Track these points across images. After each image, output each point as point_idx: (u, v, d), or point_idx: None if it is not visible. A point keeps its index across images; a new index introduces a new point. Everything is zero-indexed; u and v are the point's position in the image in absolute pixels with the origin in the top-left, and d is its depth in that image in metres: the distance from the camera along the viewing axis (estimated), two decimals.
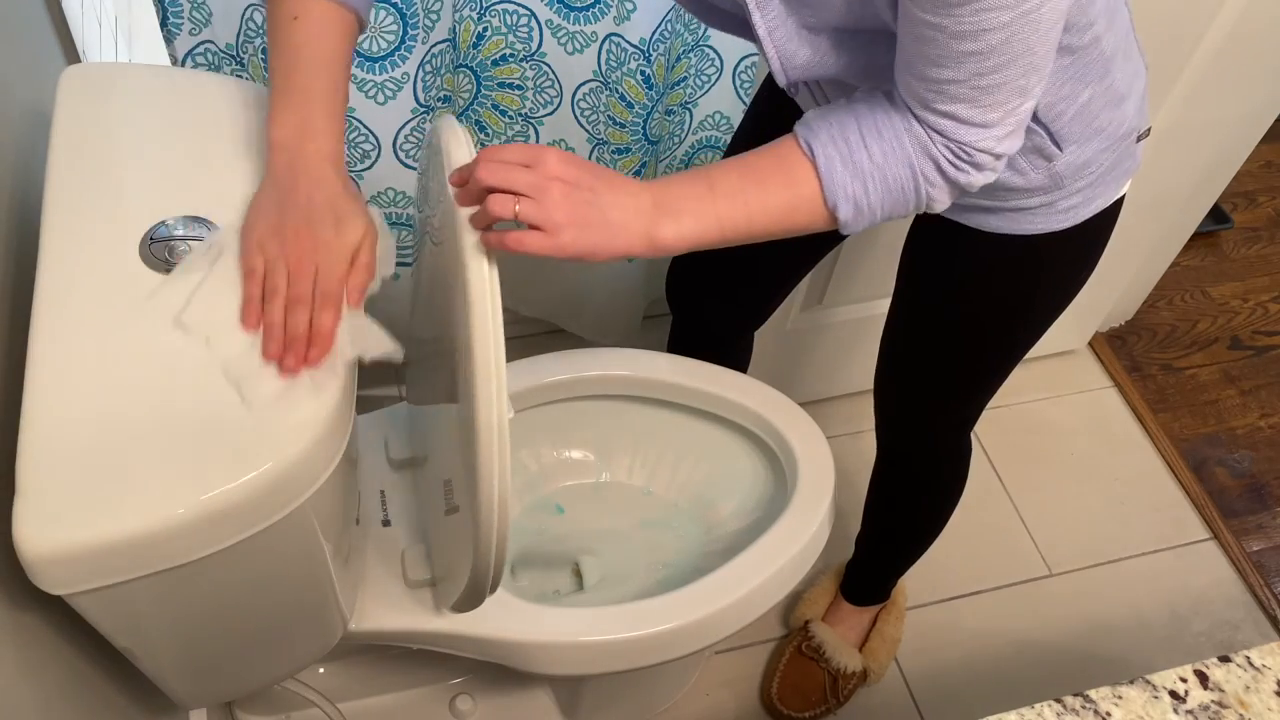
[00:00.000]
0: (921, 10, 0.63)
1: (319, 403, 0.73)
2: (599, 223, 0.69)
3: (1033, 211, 0.88)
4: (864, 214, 0.72)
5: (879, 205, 0.71)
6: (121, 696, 0.94)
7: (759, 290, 1.24)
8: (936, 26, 0.63)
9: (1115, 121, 0.85)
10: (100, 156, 0.85)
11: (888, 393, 1.15)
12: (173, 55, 1.22)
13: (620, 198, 0.70)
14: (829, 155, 0.70)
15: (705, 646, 1.10)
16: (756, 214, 0.72)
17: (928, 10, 0.62)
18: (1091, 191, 0.88)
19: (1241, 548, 1.68)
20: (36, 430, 0.69)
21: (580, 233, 0.69)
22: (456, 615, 1.02)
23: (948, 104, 0.67)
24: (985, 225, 0.91)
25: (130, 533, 0.67)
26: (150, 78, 0.95)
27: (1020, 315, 0.99)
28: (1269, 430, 1.86)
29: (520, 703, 1.37)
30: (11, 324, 0.82)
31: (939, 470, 1.25)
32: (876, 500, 1.34)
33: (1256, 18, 1.36)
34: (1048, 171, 0.85)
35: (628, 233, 0.70)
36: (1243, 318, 2.03)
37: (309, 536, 0.80)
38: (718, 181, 0.72)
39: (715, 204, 0.71)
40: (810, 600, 1.50)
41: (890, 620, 1.48)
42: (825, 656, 1.44)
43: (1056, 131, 0.82)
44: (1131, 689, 0.65)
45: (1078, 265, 0.96)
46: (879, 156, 0.70)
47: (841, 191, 0.71)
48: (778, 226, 0.73)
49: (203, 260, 0.76)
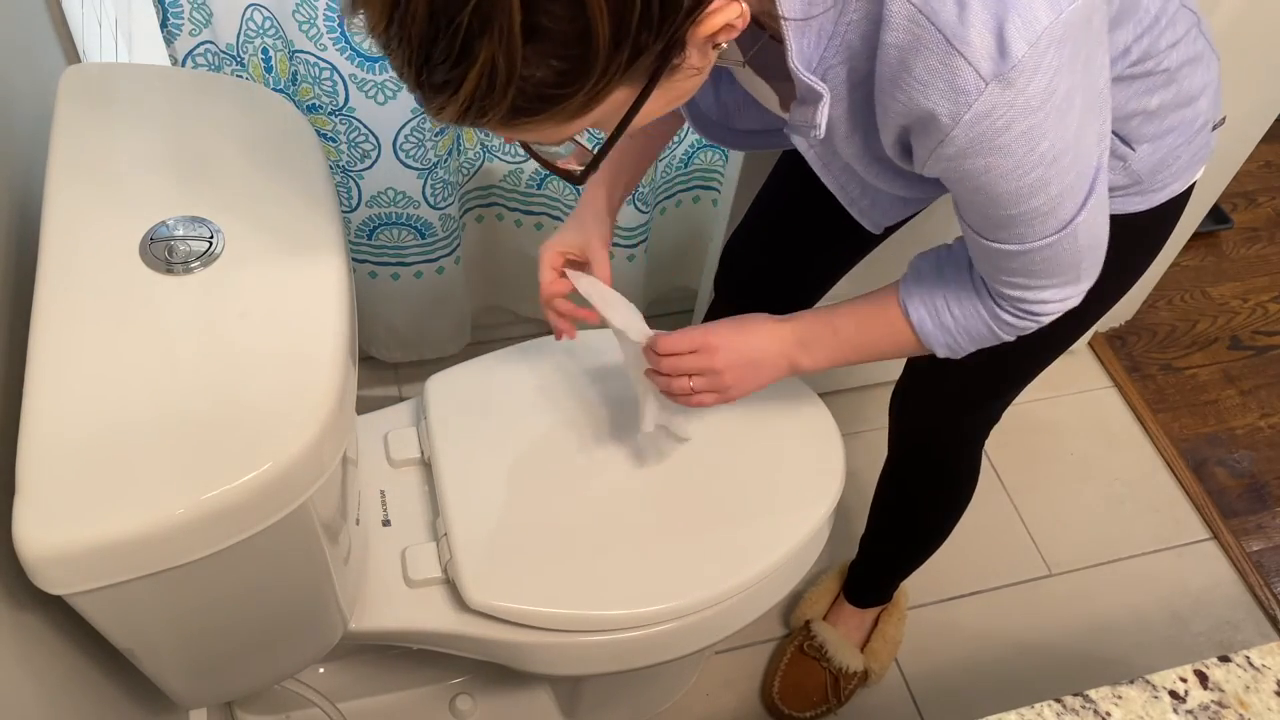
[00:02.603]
0: (977, 235, 0.74)
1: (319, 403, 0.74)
2: (753, 375, 0.91)
3: (1112, 197, 0.88)
4: (957, 350, 0.86)
5: (966, 344, 0.85)
6: (121, 696, 0.94)
7: (805, 283, 1.26)
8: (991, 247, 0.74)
9: (1187, 119, 0.85)
10: (100, 156, 0.85)
11: (918, 388, 1.14)
12: (173, 56, 1.22)
13: (767, 343, 0.90)
14: (921, 317, 0.84)
15: (705, 646, 1.10)
16: (867, 353, 0.89)
17: (982, 235, 0.73)
18: (1168, 175, 0.88)
19: (1241, 548, 1.68)
20: (36, 430, 0.69)
21: (741, 387, 0.91)
22: (456, 615, 1.02)
23: (1008, 288, 0.79)
24: None
25: (130, 533, 0.67)
26: (150, 78, 0.95)
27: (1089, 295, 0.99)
28: (1269, 430, 1.86)
29: (520, 703, 1.37)
30: (12, 324, 0.82)
31: (951, 477, 1.25)
32: (884, 503, 1.34)
33: (1256, 18, 1.36)
34: (1124, 170, 0.86)
35: (775, 369, 0.91)
36: (1243, 318, 2.03)
37: (309, 536, 0.80)
38: (840, 328, 0.89)
39: (839, 343, 0.89)
40: (812, 600, 1.50)
41: (892, 621, 1.48)
42: (827, 656, 1.44)
43: (1127, 135, 0.83)
44: (1131, 689, 0.65)
45: (1148, 247, 0.97)
46: (960, 318, 0.83)
47: (934, 340, 0.85)
48: (886, 358, 0.90)
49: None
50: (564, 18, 0.49)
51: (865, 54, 0.64)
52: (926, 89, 0.60)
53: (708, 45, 0.58)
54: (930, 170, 0.68)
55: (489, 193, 1.54)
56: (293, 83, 1.26)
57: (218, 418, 0.71)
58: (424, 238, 1.48)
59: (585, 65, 0.51)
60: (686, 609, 1.02)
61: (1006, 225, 0.71)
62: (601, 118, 0.58)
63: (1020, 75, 0.58)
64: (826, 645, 1.44)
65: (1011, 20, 0.57)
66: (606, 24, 0.49)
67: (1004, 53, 0.57)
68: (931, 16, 0.58)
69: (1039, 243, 0.71)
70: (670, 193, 1.61)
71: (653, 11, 0.50)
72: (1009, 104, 0.60)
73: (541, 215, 1.55)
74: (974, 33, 0.57)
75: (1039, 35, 0.58)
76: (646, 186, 1.49)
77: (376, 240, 1.48)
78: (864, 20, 0.63)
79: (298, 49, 1.21)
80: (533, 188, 1.51)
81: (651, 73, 0.56)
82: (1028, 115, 0.61)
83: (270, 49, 1.22)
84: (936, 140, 0.63)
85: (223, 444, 0.70)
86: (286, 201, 0.85)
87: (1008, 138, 0.62)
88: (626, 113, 0.59)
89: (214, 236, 0.81)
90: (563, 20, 0.49)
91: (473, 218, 1.57)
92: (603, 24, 0.49)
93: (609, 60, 0.51)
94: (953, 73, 0.59)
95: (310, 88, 1.25)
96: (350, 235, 1.47)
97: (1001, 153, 0.63)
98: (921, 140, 0.65)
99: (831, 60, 0.66)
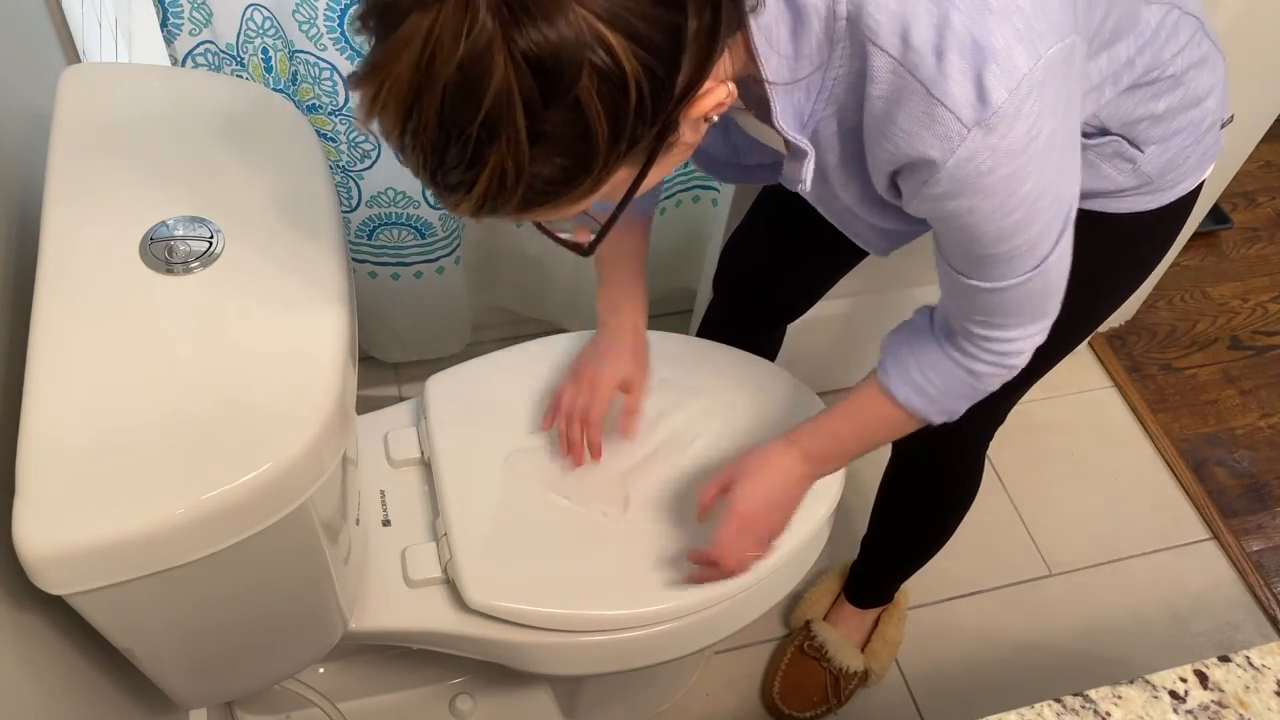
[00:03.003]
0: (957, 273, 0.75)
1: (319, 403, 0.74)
2: (788, 510, 0.97)
3: (1122, 196, 0.90)
4: (953, 412, 0.88)
5: (957, 405, 0.87)
6: (121, 696, 0.94)
7: (804, 283, 1.27)
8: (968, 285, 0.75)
9: (1195, 120, 0.86)
10: (100, 156, 0.85)
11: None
12: (173, 56, 1.22)
13: (784, 477, 0.95)
14: (907, 395, 0.87)
15: (705, 646, 1.10)
16: (873, 442, 0.94)
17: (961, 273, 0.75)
18: (1178, 174, 0.89)
19: (1241, 548, 1.68)
20: (36, 430, 0.69)
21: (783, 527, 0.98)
22: (456, 615, 1.02)
23: (980, 328, 0.80)
24: None
25: (130, 533, 0.67)
26: (150, 78, 0.95)
27: (1100, 293, 1.00)
28: (1269, 430, 1.86)
29: (520, 703, 1.37)
30: (12, 324, 0.82)
31: (954, 479, 1.25)
32: (886, 504, 1.34)
33: (1257, 18, 1.36)
34: (1134, 172, 0.87)
35: (801, 492, 0.97)
36: (1243, 318, 2.03)
37: (309, 536, 0.80)
38: (839, 433, 0.94)
39: (844, 446, 0.95)
40: (812, 600, 1.50)
41: (892, 621, 1.48)
42: (827, 656, 1.44)
43: (1135, 138, 0.84)
44: (1131, 689, 0.65)
45: (1158, 244, 0.98)
46: (941, 384, 0.85)
47: (926, 412, 0.87)
48: (896, 438, 0.95)
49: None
50: (565, 122, 0.52)
51: (853, 106, 0.67)
52: (911, 137, 0.63)
53: (700, 121, 0.62)
54: (917, 210, 0.70)
55: None
56: (293, 83, 1.26)
57: (218, 418, 0.71)
58: (424, 238, 1.48)
59: (587, 160, 0.55)
60: (686, 609, 1.02)
61: (986, 264, 0.72)
62: (605, 195, 0.61)
63: (1002, 121, 0.60)
64: (827, 645, 1.44)
65: (990, 69, 0.59)
66: (604, 123, 0.53)
67: (984, 100, 0.59)
68: (912, 69, 0.60)
69: (1014, 280, 0.73)
70: (670, 193, 1.61)
71: (645, 105, 0.54)
72: (992, 149, 0.61)
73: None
74: (953, 83, 0.59)
75: (1019, 82, 0.59)
76: None
77: (376, 240, 1.48)
78: (849, 75, 0.65)
79: (298, 49, 1.21)
80: None
81: (649, 153, 0.60)
82: (1011, 159, 0.63)
83: (270, 49, 1.22)
84: (921, 181, 0.66)
85: (223, 444, 0.70)
86: (286, 201, 0.85)
87: (991, 180, 0.64)
88: (629, 189, 0.62)
89: (214, 236, 0.81)
90: (563, 125, 0.52)
91: None
92: (600, 124, 0.53)
93: (609, 152, 0.55)
94: (935, 121, 0.61)
95: (310, 88, 1.25)
96: (350, 235, 1.47)
97: (985, 194, 0.65)
98: (909, 182, 0.67)
99: (822, 113, 0.69)
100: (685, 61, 0.55)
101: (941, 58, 0.59)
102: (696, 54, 0.56)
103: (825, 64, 0.65)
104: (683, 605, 1.02)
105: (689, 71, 0.56)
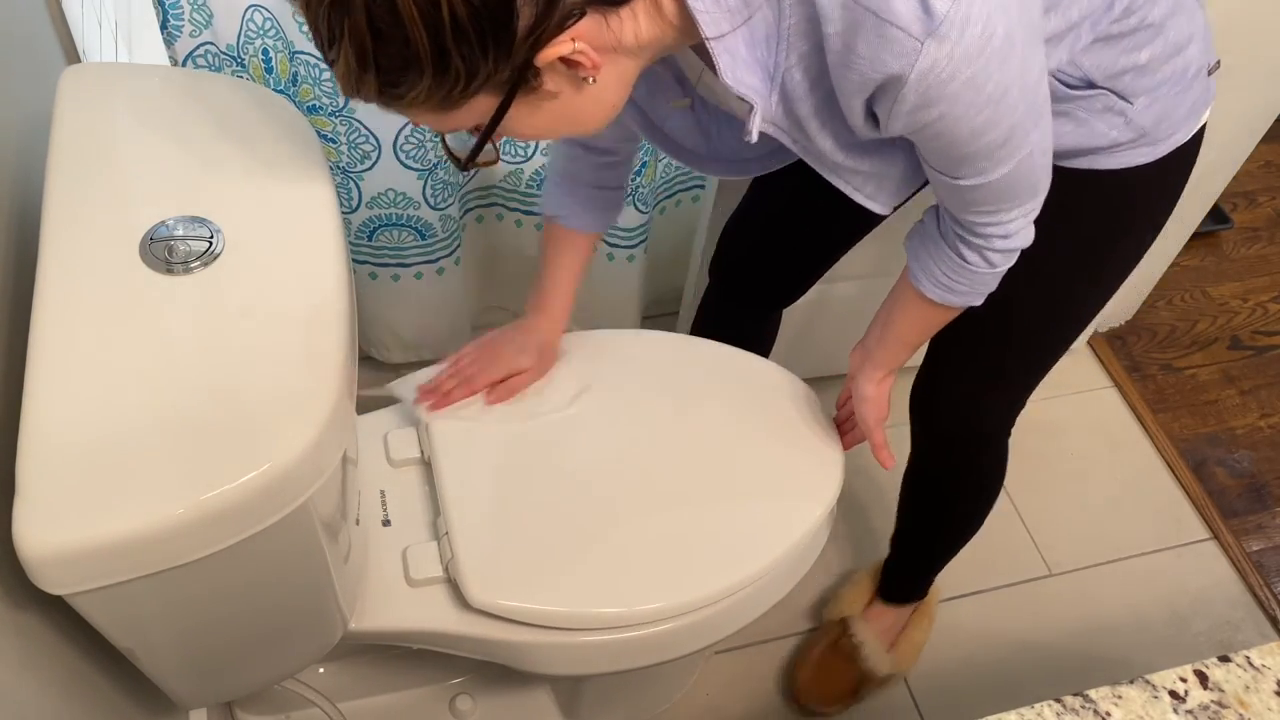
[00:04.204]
0: (942, 174, 0.79)
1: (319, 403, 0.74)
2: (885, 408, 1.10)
3: (1118, 151, 0.91)
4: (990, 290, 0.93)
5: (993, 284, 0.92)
6: (121, 696, 0.94)
7: (800, 265, 1.28)
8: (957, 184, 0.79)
9: (1179, 69, 0.87)
10: (100, 156, 0.85)
11: (939, 371, 1.15)
12: (173, 57, 1.22)
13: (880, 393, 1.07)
14: (943, 295, 0.92)
15: (705, 646, 1.10)
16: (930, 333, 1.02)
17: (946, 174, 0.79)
18: (1171, 124, 0.90)
19: (1241, 547, 1.68)
20: (36, 430, 0.69)
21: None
22: (458, 614, 1.02)
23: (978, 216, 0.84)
24: (1072, 164, 0.92)
25: (130, 533, 0.67)
26: (150, 78, 0.95)
27: (1110, 257, 1.02)
28: (1269, 430, 1.86)
29: (520, 703, 1.37)
30: (12, 324, 0.82)
31: (977, 472, 1.25)
32: (912, 502, 1.34)
33: (1255, 18, 1.36)
34: (1127, 125, 0.88)
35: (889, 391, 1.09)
36: (1242, 318, 2.03)
37: (309, 536, 0.80)
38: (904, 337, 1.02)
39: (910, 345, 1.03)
40: (849, 598, 1.49)
41: (920, 625, 1.47)
42: (862, 656, 1.43)
43: (1122, 90, 0.86)
44: (1131, 689, 0.65)
45: (1166, 198, 0.98)
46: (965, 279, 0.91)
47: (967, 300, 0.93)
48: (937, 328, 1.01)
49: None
50: (389, 23, 0.60)
51: (813, 51, 0.70)
52: (873, 61, 0.66)
53: (574, 78, 0.68)
54: (892, 129, 0.72)
55: (489, 193, 1.54)
56: (293, 83, 1.26)
57: (218, 418, 0.71)
58: (424, 238, 1.48)
59: (416, 63, 0.62)
60: (686, 607, 1.02)
61: (967, 162, 0.76)
62: (475, 119, 0.69)
63: (953, 28, 0.63)
64: (864, 646, 1.43)
65: None
66: (422, 33, 0.60)
67: (929, 11, 0.63)
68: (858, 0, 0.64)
69: (998, 173, 0.77)
70: (670, 192, 1.61)
71: (469, 33, 0.60)
72: (948, 56, 0.65)
73: (542, 215, 1.55)
74: (898, 3, 0.63)
75: None
76: (646, 187, 1.49)
77: (376, 241, 1.48)
78: (803, 20, 0.68)
79: (298, 50, 1.21)
80: (533, 188, 1.51)
81: (507, 89, 0.66)
82: (969, 63, 0.65)
83: (271, 50, 1.22)
84: (892, 100, 0.69)
85: (223, 444, 0.70)
86: (286, 201, 0.85)
87: (955, 86, 0.67)
88: (493, 117, 0.68)
89: (214, 236, 0.81)
90: (388, 25, 0.60)
91: (473, 218, 1.57)
92: (418, 32, 0.60)
93: (438, 63, 0.62)
94: (890, 41, 0.64)
95: (311, 88, 1.25)
96: (350, 236, 1.47)
97: (951, 100, 0.68)
98: (881, 105, 0.70)
99: (785, 64, 0.71)
100: (523, 4, 0.61)
101: None
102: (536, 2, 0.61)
103: (777, 12, 0.68)
104: (682, 603, 1.02)
105: (530, 16, 0.61)
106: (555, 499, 1.07)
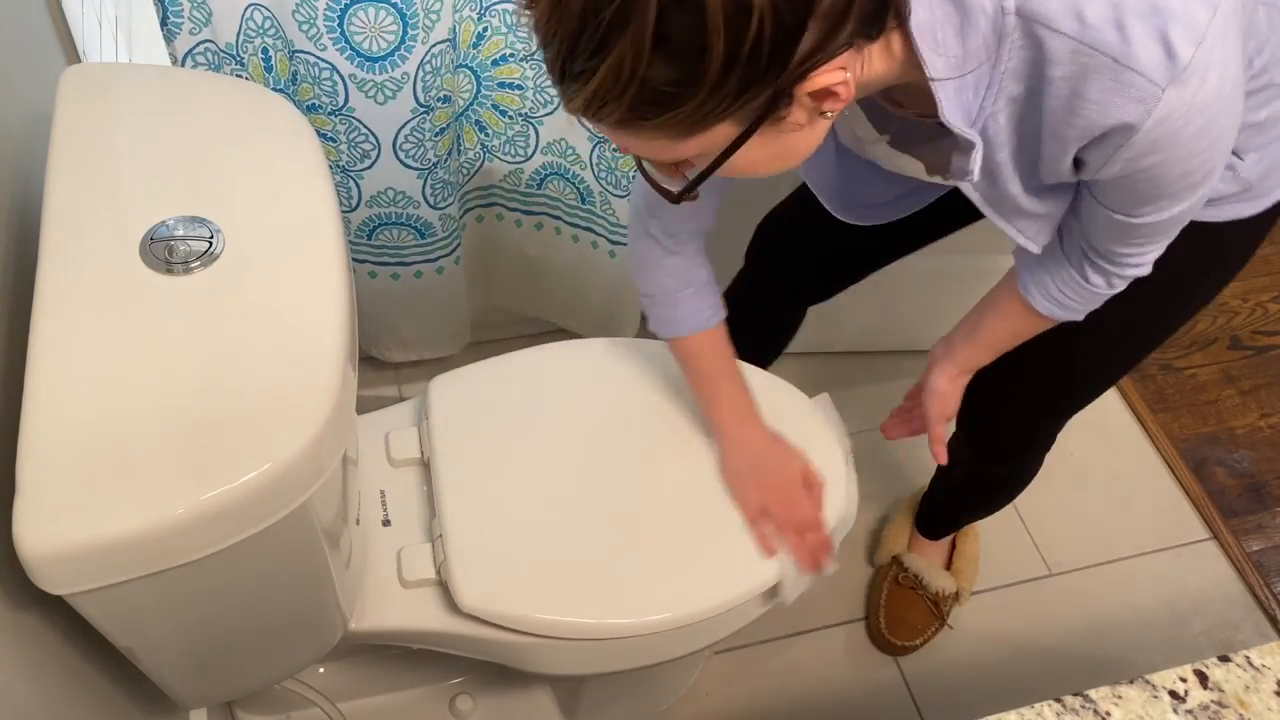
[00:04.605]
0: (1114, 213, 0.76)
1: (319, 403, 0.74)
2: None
3: (1222, 204, 0.91)
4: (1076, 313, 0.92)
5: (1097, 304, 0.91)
6: (121, 696, 0.94)
7: (842, 269, 1.28)
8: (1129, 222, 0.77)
9: None
10: (100, 156, 0.85)
11: (997, 408, 1.17)
12: (173, 55, 1.22)
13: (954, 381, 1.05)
14: (1051, 309, 0.91)
15: (706, 646, 1.10)
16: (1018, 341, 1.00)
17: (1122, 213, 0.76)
18: (1274, 180, 0.90)
19: (1241, 547, 1.68)
20: (36, 430, 0.69)
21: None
22: (450, 617, 1.02)
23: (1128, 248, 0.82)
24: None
25: (130, 533, 0.67)
26: (150, 78, 0.95)
27: (1185, 303, 1.02)
28: (1269, 430, 1.85)
29: (520, 703, 1.37)
30: (12, 324, 0.82)
31: (1023, 469, 1.31)
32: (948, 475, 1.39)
33: None
34: (1234, 179, 0.88)
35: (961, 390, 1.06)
36: (1243, 318, 2.03)
37: (309, 536, 0.80)
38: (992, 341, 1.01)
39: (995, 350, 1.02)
40: (893, 536, 1.56)
41: (969, 538, 1.55)
42: (923, 584, 1.50)
43: (1237, 146, 0.85)
44: (1131, 689, 0.65)
45: (1248, 250, 0.99)
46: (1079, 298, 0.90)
47: (1070, 316, 0.92)
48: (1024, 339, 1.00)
49: None
50: (687, 29, 0.55)
51: (1026, 95, 0.68)
52: (1105, 107, 0.64)
53: (815, 110, 0.64)
54: (1105, 174, 0.71)
55: (489, 193, 1.54)
56: (293, 82, 1.26)
57: (218, 418, 0.71)
58: (424, 238, 1.48)
59: (696, 82, 0.57)
60: (681, 620, 1.02)
61: (1155, 200, 0.74)
62: (705, 148, 0.64)
63: (1194, 75, 0.62)
64: (921, 573, 1.50)
65: (1173, 27, 0.61)
66: (722, 44, 0.55)
67: (1173, 57, 0.61)
68: (1094, 44, 0.62)
69: (1175, 210, 0.74)
70: None
71: (763, 49, 0.56)
72: (1187, 103, 0.63)
73: (542, 215, 1.55)
74: (1139, 48, 0.61)
75: (1203, 35, 0.61)
76: None
77: (376, 240, 1.48)
78: (1021, 65, 0.66)
79: (298, 49, 1.21)
80: (533, 188, 1.51)
81: (756, 116, 0.61)
82: (1204, 111, 0.64)
83: (270, 48, 1.22)
84: (1115, 146, 0.67)
85: (223, 444, 0.70)
86: (286, 201, 0.85)
87: (1187, 133, 0.65)
88: (728, 147, 0.64)
89: (214, 236, 0.81)
90: (686, 31, 0.55)
91: (473, 218, 1.57)
92: (718, 43, 0.55)
93: (718, 80, 0.57)
94: (1127, 87, 0.63)
95: (310, 87, 1.25)
96: (350, 235, 1.47)
97: (1178, 146, 0.67)
98: (1098, 150, 0.69)
99: (991, 109, 0.70)
100: (812, 25, 0.57)
101: (1123, 27, 0.61)
102: (824, 23, 0.58)
103: (993, 59, 0.66)
104: (676, 617, 1.01)
105: (813, 39, 0.58)
106: (551, 505, 1.07)
